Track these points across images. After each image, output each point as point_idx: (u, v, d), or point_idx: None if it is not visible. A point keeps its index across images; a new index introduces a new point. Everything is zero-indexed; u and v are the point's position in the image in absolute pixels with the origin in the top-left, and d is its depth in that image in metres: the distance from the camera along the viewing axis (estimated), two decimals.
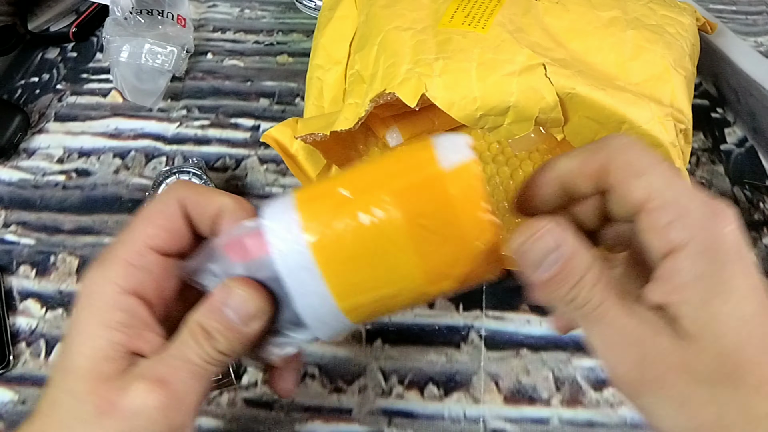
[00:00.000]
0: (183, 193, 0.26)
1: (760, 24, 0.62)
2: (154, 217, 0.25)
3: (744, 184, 0.50)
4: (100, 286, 0.24)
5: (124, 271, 0.24)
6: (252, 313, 0.24)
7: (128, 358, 0.24)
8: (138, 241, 0.25)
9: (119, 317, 0.24)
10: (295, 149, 0.43)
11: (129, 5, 0.52)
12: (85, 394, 0.23)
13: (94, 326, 0.24)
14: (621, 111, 0.38)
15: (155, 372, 0.23)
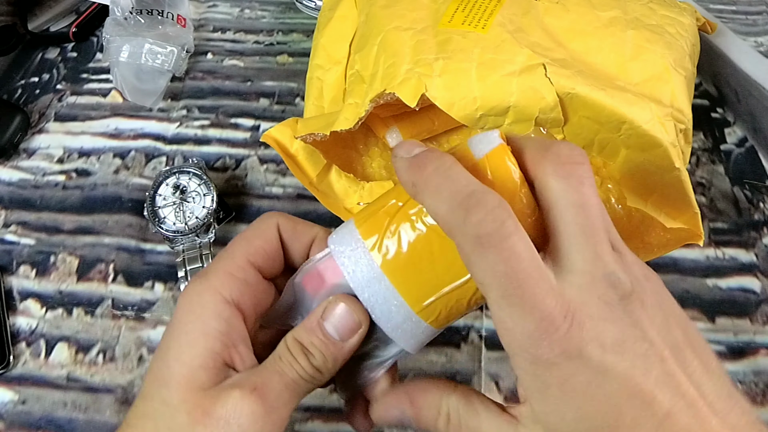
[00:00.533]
0: (281, 220, 0.28)
1: (760, 24, 0.62)
2: (253, 238, 0.27)
3: (744, 184, 0.50)
4: (202, 294, 0.25)
5: (226, 280, 0.25)
6: (352, 327, 0.25)
7: (223, 370, 0.24)
8: (239, 256, 0.26)
9: (219, 326, 0.24)
10: (295, 149, 0.43)
11: (129, 5, 0.52)
12: (179, 403, 0.23)
13: (195, 334, 0.24)
14: (621, 111, 0.38)
15: (250, 381, 0.24)
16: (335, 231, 0.27)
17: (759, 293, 0.44)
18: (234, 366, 0.25)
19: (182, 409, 0.23)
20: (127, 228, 0.47)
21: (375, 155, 0.48)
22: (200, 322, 0.24)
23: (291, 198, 0.49)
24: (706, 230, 0.47)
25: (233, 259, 0.26)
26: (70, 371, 0.41)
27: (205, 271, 0.26)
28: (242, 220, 0.48)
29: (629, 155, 0.41)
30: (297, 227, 0.28)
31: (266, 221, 0.28)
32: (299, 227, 0.28)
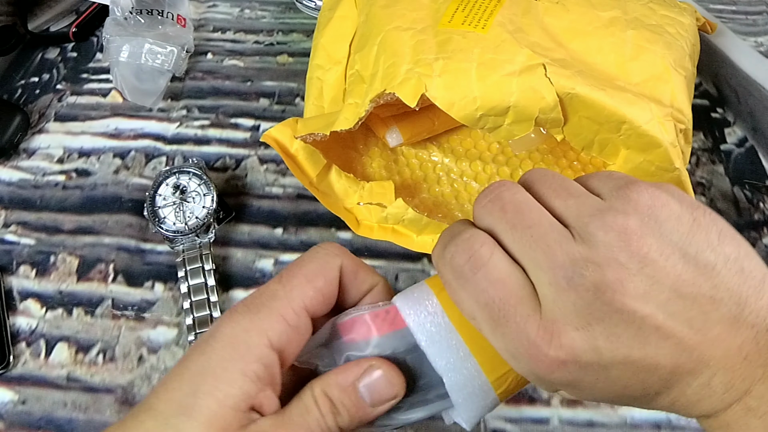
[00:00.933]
0: (345, 262, 0.26)
1: (760, 24, 0.62)
2: (315, 279, 0.25)
3: (744, 184, 0.50)
4: (249, 332, 0.23)
5: (278, 326, 0.24)
6: (387, 397, 0.24)
7: (250, 415, 0.23)
8: (297, 300, 0.24)
9: (260, 371, 0.23)
10: (295, 149, 0.43)
11: (129, 5, 0.52)
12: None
13: (234, 373, 0.23)
14: (621, 111, 0.38)
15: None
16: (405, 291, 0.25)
17: None
18: (261, 410, 0.24)
19: None
20: (127, 228, 0.47)
21: (375, 155, 0.49)
22: (242, 362, 0.23)
23: (291, 198, 0.49)
24: None
25: (290, 302, 0.24)
26: (70, 371, 0.41)
27: (256, 306, 0.24)
28: (242, 220, 0.48)
29: (629, 155, 0.41)
30: (359, 273, 0.27)
31: (331, 261, 0.26)
32: (361, 273, 0.27)
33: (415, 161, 0.49)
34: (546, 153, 0.48)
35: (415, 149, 0.49)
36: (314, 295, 0.25)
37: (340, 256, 0.26)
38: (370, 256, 0.46)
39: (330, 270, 0.25)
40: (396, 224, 0.43)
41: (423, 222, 0.42)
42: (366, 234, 0.43)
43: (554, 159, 0.48)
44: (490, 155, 0.48)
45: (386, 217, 0.43)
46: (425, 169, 0.48)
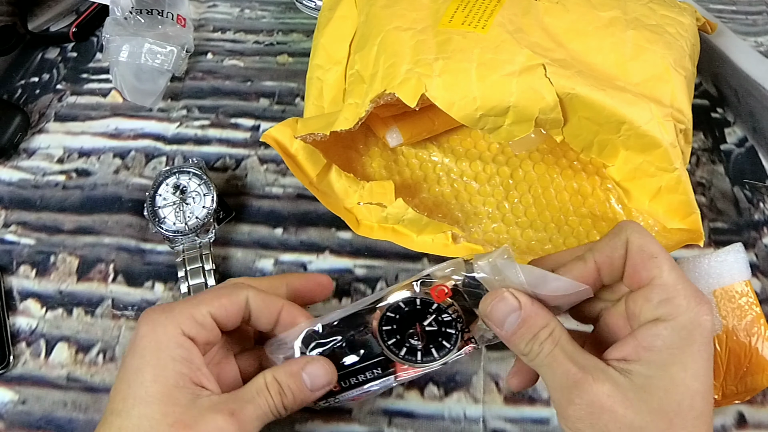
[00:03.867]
0: (251, 295, 0.31)
1: (760, 24, 0.62)
2: (220, 297, 0.31)
3: (744, 184, 0.50)
4: (165, 326, 0.29)
5: (187, 321, 0.29)
6: (324, 384, 0.31)
7: (194, 389, 0.28)
8: (203, 307, 0.30)
9: (182, 353, 0.28)
10: (295, 149, 0.43)
11: (129, 5, 0.52)
12: (160, 416, 0.26)
13: (164, 358, 0.28)
14: (621, 111, 0.38)
15: (229, 408, 0.28)
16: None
17: (759, 293, 0.44)
18: (203, 385, 0.29)
19: (164, 422, 0.26)
20: (127, 228, 0.47)
21: (375, 155, 0.49)
22: (168, 349, 0.28)
23: (291, 198, 0.49)
24: (706, 230, 0.47)
25: (197, 307, 0.30)
26: (70, 371, 0.41)
27: (169, 307, 0.30)
28: (242, 220, 0.48)
29: (629, 156, 0.41)
30: (266, 301, 0.32)
31: (238, 293, 0.31)
32: (267, 302, 0.32)
33: (415, 161, 0.49)
34: (546, 153, 0.48)
35: (415, 149, 0.49)
36: (219, 306, 0.30)
37: (246, 290, 0.31)
38: (370, 256, 0.46)
39: (235, 294, 0.31)
40: (396, 224, 0.43)
41: (423, 222, 0.42)
42: (366, 234, 0.44)
43: (554, 159, 0.48)
44: (490, 155, 0.48)
45: (386, 217, 0.43)
46: (425, 169, 0.48)
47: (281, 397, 0.29)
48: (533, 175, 0.47)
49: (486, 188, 0.47)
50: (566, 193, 0.47)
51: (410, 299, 0.33)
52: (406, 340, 0.32)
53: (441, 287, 0.32)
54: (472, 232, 0.46)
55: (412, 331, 0.32)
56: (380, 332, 0.32)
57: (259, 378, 0.30)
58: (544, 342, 0.28)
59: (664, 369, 0.26)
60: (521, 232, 0.46)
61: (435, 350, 0.32)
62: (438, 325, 0.32)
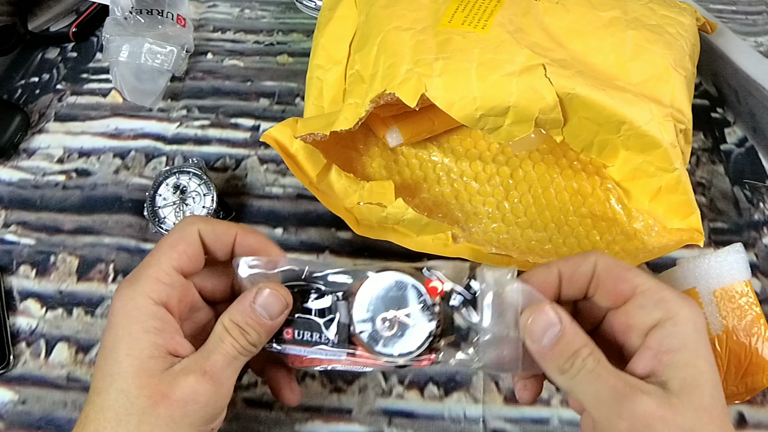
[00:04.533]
0: (201, 226, 0.31)
1: (760, 24, 0.62)
2: (176, 244, 0.30)
3: (744, 184, 0.50)
4: (135, 299, 0.29)
5: (155, 286, 0.29)
6: (281, 309, 0.30)
7: (168, 358, 0.28)
8: (164, 263, 0.30)
9: (155, 323, 0.28)
10: (295, 149, 0.43)
11: (129, 5, 0.52)
12: (137, 389, 0.27)
13: (136, 332, 0.28)
14: (621, 112, 0.38)
15: (199, 366, 0.28)
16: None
17: (759, 293, 0.44)
18: (177, 353, 0.29)
19: (141, 395, 0.27)
20: (127, 228, 0.47)
21: (375, 155, 0.49)
22: (139, 322, 0.28)
23: (291, 198, 0.49)
24: (706, 230, 0.47)
25: (160, 266, 0.30)
26: (70, 371, 0.41)
27: (135, 277, 0.29)
28: (242, 220, 0.48)
29: (628, 156, 0.41)
30: (216, 230, 0.32)
31: (188, 228, 0.31)
32: (218, 229, 0.32)
33: (415, 161, 0.49)
34: (546, 153, 0.48)
35: (415, 149, 0.49)
36: (179, 257, 0.30)
37: (196, 222, 0.31)
38: (370, 255, 0.46)
39: (188, 235, 0.31)
40: (396, 224, 0.43)
41: (423, 222, 0.42)
42: (366, 234, 0.43)
43: (554, 159, 0.48)
44: (490, 155, 0.48)
45: (386, 217, 0.43)
46: (425, 169, 0.48)
47: (244, 336, 0.29)
48: (533, 175, 0.47)
49: (486, 188, 0.47)
50: (566, 193, 0.47)
51: (402, 281, 0.31)
52: (375, 322, 0.30)
53: (436, 283, 0.30)
54: (472, 232, 0.46)
55: (383, 316, 0.30)
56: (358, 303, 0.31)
57: (218, 325, 0.30)
58: (586, 358, 0.27)
59: (691, 366, 0.26)
60: (521, 232, 0.46)
61: (397, 345, 0.30)
62: (414, 321, 0.30)
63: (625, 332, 0.29)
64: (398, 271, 0.31)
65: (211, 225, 0.32)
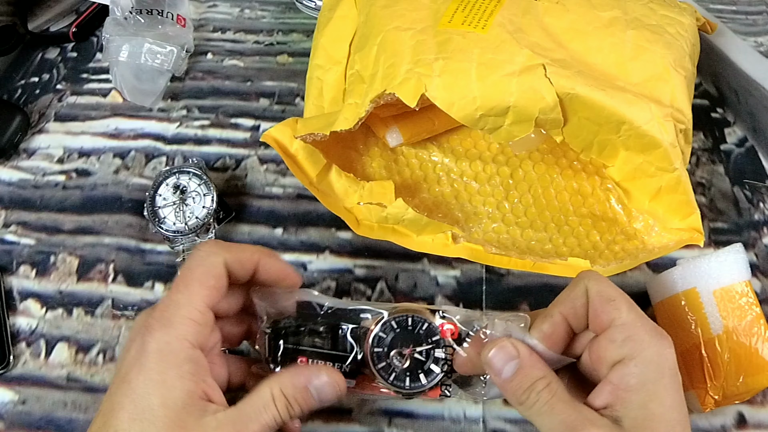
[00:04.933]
0: (227, 257, 0.31)
1: (760, 24, 0.62)
2: (207, 280, 0.30)
3: (744, 184, 0.50)
4: (171, 343, 0.28)
5: (191, 329, 0.29)
6: (332, 398, 0.31)
7: (200, 404, 0.28)
8: (199, 303, 0.29)
9: (191, 368, 0.28)
10: (294, 149, 0.43)
11: (129, 5, 0.52)
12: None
13: (171, 378, 0.27)
14: (621, 112, 0.38)
15: (236, 427, 0.27)
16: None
17: (759, 293, 0.44)
18: (209, 398, 0.28)
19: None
20: (127, 228, 0.47)
21: (375, 155, 0.49)
22: (175, 367, 0.28)
23: (291, 198, 0.49)
24: (706, 230, 0.47)
25: (193, 306, 0.29)
26: (70, 371, 0.41)
27: (167, 319, 0.29)
28: (242, 220, 0.48)
29: (628, 157, 0.41)
30: (241, 258, 0.31)
31: (215, 260, 0.30)
32: (243, 257, 0.31)
33: (415, 161, 0.49)
34: (546, 153, 0.48)
35: (415, 149, 0.49)
36: (210, 293, 0.30)
37: (220, 253, 0.31)
38: (370, 256, 0.46)
39: (216, 268, 0.30)
40: (396, 224, 0.43)
41: (423, 222, 0.42)
42: (366, 234, 0.44)
43: (554, 159, 0.48)
44: (490, 155, 0.48)
45: (386, 217, 0.43)
46: (425, 169, 0.48)
47: (288, 410, 0.29)
48: (533, 175, 0.47)
49: (486, 188, 0.47)
50: (566, 193, 0.47)
51: (419, 320, 0.33)
52: (389, 357, 0.33)
53: (452, 325, 0.33)
54: (472, 232, 0.46)
55: (399, 350, 0.32)
56: (374, 337, 0.33)
57: (265, 390, 0.29)
58: (541, 392, 0.29)
59: (644, 408, 0.27)
60: (521, 232, 0.46)
61: (409, 379, 0.33)
62: (427, 357, 0.33)
63: (596, 362, 0.30)
64: (414, 312, 0.33)
65: (236, 254, 0.31)
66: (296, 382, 0.30)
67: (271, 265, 0.32)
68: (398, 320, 0.33)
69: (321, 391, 0.30)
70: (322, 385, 0.30)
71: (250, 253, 0.32)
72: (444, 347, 0.32)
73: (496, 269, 0.45)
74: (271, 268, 0.32)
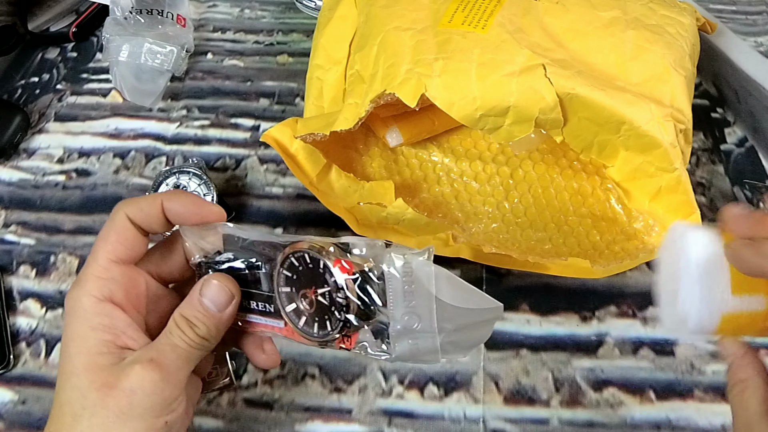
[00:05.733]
0: (127, 209, 0.31)
1: (760, 24, 0.62)
2: (108, 236, 0.30)
3: (744, 184, 0.50)
4: (80, 299, 0.29)
5: (95, 284, 0.29)
6: (227, 301, 0.30)
7: (119, 353, 0.28)
8: (100, 258, 0.30)
9: (102, 320, 0.28)
10: (294, 149, 0.43)
11: (129, 5, 0.52)
12: (87, 383, 0.27)
13: (83, 330, 0.28)
14: (620, 112, 0.38)
15: (146, 355, 0.28)
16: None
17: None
18: (129, 347, 0.29)
19: (92, 388, 0.27)
20: None
21: (375, 155, 0.49)
22: (85, 321, 0.28)
23: (291, 198, 0.49)
24: None
25: (96, 262, 0.29)
26: None
27: (78, 278, 0.30)
28: (242, 220, 0.48)
29: (628, 157, 0.41)
30: (142, 206, 0.31)
31: (115, 216, 0.31)
32: (143, 205, 0.31)
33: (415, 161, 0.49)
34: (546, 153, 0.48)
35: (415, 149, 0.49)
36: (113, 248, 0.30)
37: (122, 208, 0.31)
38: None
39: (116, 222, 0.30)
40: (396, 224, 0.43)
41: (423, 222, 0.42)
42: (366, 234, 0.44)
43: (554, 159, 0.48)
44: (490, 155, 0.48)
45: (386, 216, 0.43)
46: (425, 169, 0.48)
47: (193, 329, 0.29)
48: (533, 175, 0.48)
49: (486, 188, 0.47)
50: (566, 193, 0.47)
51: (316, 258, 0.28)
52: (299, 298, 0.29)
53: (345, 263, 0.27)
54: (472, 232, 0.46)
55: (304, 292, 0.29)
56: (279, 275, 0.30)
57: (170, 321, 0.29)
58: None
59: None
60: (521, 232, 0.46)
61: (317, 325, 0.29)
62: (329, 301, 0.28)
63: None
64: (311, 247, 0.28)
65: (136, 204, 0.31)
66: (189, 300, 0.30)
67: (176, 202, 0.31)
68: (297, 257, 0.29)
69: (214, 300, 0.29)
70: (213, 293, 0.29)
71: (152, 198, 0.31)
72: (341, 289, 0.27)
73: (496, 269, 0.45)
74: (179, 206, 0.31)
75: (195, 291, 0.30)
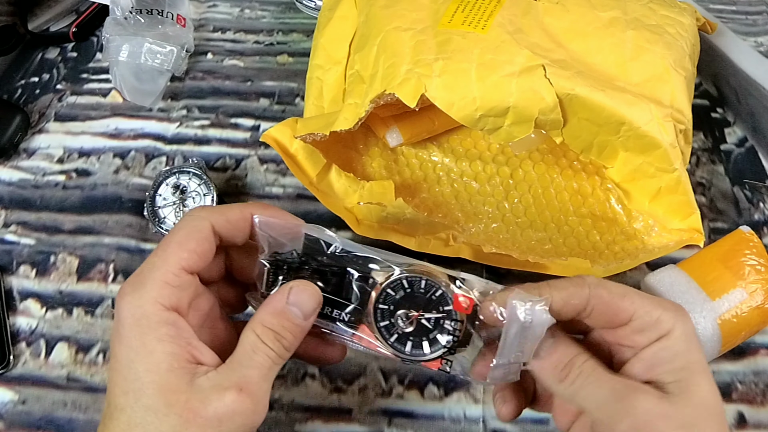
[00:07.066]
0: (213, 219, 0.29)
1: (760, 24, 0.62)
2: (186, 242, 0.28)
3: (744, 184, 0.50)
4: (141, 306, 0.26)
5: (163, 291, 0.27)
6: (313, 306, 0.28)
7: (190, 368, 0.26)
8: (174, 265, 0.27)
9: (169, 330, 0.26)
10: (294, 149, 0.43)
11: (129, 5, 0.52)
12: (165, 407, 0.25)
13: (149, 341, 0.26)
14: (620, 112, 0.38)
15: (233, 381, 0.26)
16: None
17: None
18: (197, 360, 0.27)
19: (171, 413, 0.25)
20: (127, 228, 0.47)
21: (375, 155, 0.49)
22: (150, 331, 0.26)
23: (291, 198, 0.49)
24: (706, 230, 0.47)
25: (168, 268, 0.27)
26: (70, 371, 0.41)
27: (139, 280, 0.27)
28: None
29: (628, 157, 0.41)
30: (230, 218, 0.29)
31: (199, 224, 0.29)
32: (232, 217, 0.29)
33: (415, 161, 0.49)
34: (546, 153, 0.48)
35: (415, 149, 0.49)
36: (189, 256, 0.28)
37: (206, 216, 0.29)
38: None
39: (199, 231, 0.28)
40: (396, 224, 0.43)
41: (423, 222, 0.42)
42: (366, 234, 0.44)
43: (554, 159, 0.48)
44: (490, 155, 0.48)
45: (386, 216, 0.43)
46: (425, 169, 0.48)
47: (279, 342, 0.27)
48: (533, 175, 0.48)
49: (486, 188, 0.47)
50: (566, 193, 0.47)
51: (434, 285, 0.30)
52: (394, 316, 0.30)
53: (467, 299, 0.30)
54: (472, 232, 0.46)
55: (405, 312, 0.30)
56: (381, 292, 0.30)
57: (248, 333, 0.27)
58: (582, 365, 0.28)
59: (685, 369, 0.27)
60: (521, 232, 0.46)
61: (411, 344, 0.30)
62: (434, 326, 0.30)
63: (617, 347, 0.30)
64: (429, 274, 0.30)
65: (223, 215, 0.29)
66: (273, 309, 0.28)
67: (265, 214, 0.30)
68: (410, 280, 0.30)
69: (300, 305, 0.28)
70: (298, 298, 0.28)
71: (239, 210, 0.30)
72: (454, 320, 0.30)
73: (496, 269, 0.45)
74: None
75: (279, 299, 0.28)
